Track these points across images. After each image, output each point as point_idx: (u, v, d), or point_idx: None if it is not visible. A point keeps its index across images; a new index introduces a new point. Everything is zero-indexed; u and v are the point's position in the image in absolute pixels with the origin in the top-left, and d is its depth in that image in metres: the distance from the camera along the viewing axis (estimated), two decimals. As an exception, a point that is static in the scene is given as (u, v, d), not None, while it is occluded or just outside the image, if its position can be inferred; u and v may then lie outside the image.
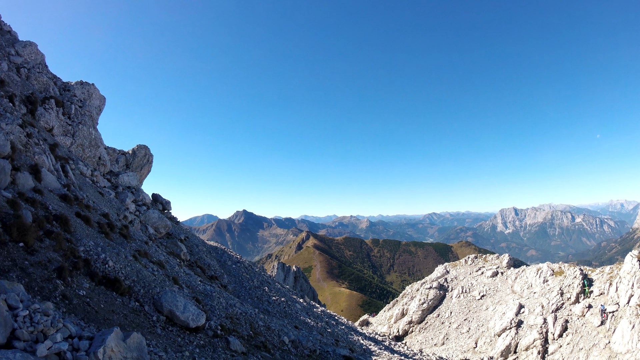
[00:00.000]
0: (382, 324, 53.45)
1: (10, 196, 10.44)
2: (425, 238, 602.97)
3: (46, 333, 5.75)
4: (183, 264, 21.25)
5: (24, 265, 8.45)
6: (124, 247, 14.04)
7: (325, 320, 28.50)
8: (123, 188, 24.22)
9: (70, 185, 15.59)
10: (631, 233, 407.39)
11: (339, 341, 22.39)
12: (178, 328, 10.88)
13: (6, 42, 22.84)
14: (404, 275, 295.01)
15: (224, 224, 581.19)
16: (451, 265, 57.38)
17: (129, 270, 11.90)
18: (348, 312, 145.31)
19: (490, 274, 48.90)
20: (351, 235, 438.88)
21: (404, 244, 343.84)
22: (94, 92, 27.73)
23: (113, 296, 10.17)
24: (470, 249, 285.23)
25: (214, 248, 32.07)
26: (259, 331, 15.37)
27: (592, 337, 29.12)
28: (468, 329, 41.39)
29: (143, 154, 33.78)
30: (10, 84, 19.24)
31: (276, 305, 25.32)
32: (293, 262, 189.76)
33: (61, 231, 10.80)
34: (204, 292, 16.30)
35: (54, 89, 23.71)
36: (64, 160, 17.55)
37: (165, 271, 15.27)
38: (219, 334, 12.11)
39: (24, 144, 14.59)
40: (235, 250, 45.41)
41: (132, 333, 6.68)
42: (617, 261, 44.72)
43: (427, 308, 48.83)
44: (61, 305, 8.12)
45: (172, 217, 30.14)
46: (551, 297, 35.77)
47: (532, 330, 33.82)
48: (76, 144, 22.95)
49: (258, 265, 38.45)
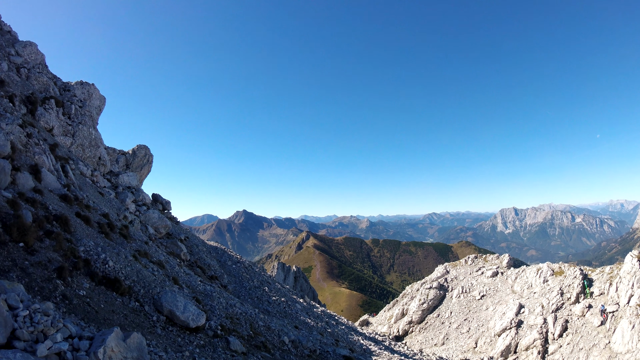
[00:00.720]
0: (382, 324, 53.44)
1: (10, 196, 10.44)
2: (425, 238, 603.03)
3: (46, 333, 5.75)
4: (183, 264, 21.25)
5: (24, 266, 8.45)
6: (124, 247, 14.04)
7: (325, 320, 28.50)
8: (123, 188, 24.22)
9: (70, 186, 15.59)
10: (631, 233, 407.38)
11: (339, 341, 22.38)
12: (178, 328, 10.88)
13: (6, 42, 22.84)
14: (404, 275, 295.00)
15: (224, 224, 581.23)
16: (451, 265, 57.37)
17: (129, 270, 11.90)
18: (348, 312, 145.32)
19: (490, 274, 48.89)
20: (351, 235, 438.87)
21: (404, 244, 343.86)
22: (94, 92, 27.74)
23: (113, 296, 10.17)
24: (470, 249, 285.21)
25: (214, 248, 32.07)
26: (259, 331, 15.37)
27: (592, 337, 29.11)
28: (468, 329, 41.38)
29: (143, 154, 33.79)
30: (10, 84, 19.24)
31: (276, 305, 25.32)
32: (293, 262, 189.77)
33: (61, 231, 10.80)
34: (204, 292, 16.30)
35: (54, 89, 23.71)
36: (64, 161, 17.54)
37: (165, 271, 15.27)
38: (219, 334, 12.11)
39: (24, 144, 14.59)
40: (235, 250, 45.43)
41: (132, 333, 6.67)
42: (617, 261, 44.74)
43: (427, 308, 48.82)
44: (61, 305, 8.12)
45: (172, 217, 30.14)
46: (551, 297, 35.77)
47: (532, 330, 33.82)
48: (76, 144, 22.95)
49: (258, 265, 38.45)
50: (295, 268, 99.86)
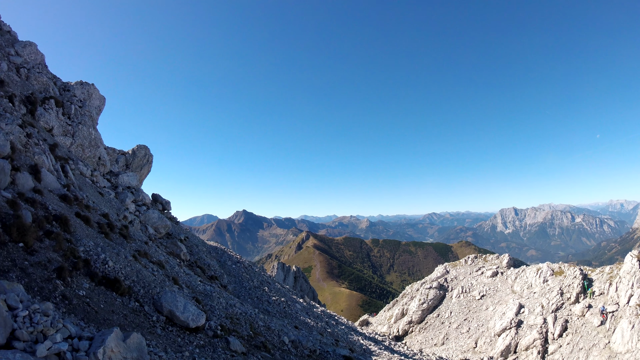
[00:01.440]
0: (382, 324, 53.43)
1: (10, 196, 10.43)
2: (425, 238, 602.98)
3: (46, 333, 5.74)
4: (183, 264, 21.24)
5: (23, 266, 8.45)
6: (123, 247, 14.03)
7: (325, 320, 28.49)
8: (123, 188, 24.21)
9: (70, 186, 15.58)
10: (631, 233, 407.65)
11: (339, 341, 22.38)
12: (178, 328, 10.87)
13: (6, 42, 22.83)
14: (404, 275, 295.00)
15: (223, 224, 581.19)
16: (451, 265, 57.36)
17: (129, 270, 11.89)
18: (348, 312, 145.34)
19: (490, 274, 48.89)
20: (351, 235, 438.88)
21: (403, 244, 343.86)
22: (94, 92, 27.73)
23: (113, 296, 10.16)
24: (470, 249, 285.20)
25: (213, 248, 32.07)
26: (258, 331, 15.36)
27: (592, 337, 29.12)
28: (468, 329, 41.38)
29: (143, 154, 33.78)
30: (10, 84, 19.23)
31: (276, 305, 25.31)
32: (293, 262, 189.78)
33: (61, 231, 10.79)
34: (204, 292, 16.29)
35: (53, 89, 23.70)
36: (64, 161, 17.53)
37: (165, 271, 15.26)
38: (219, 334, 12.09)
39: (23, 144, 14.58)
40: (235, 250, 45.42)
41: (132, 333, 6.67)
42: (617, 261, 44.74)
43: (427, 308, 48.82)
44: (61, 305, 8.11)
45: (172, 217, 30.13)
46: (551, 297, 35.78)
47: (532, 330, 33.83)
48: (76, 144, 22.94)
49: (258, 265, 38.45)
50: (295, 268, 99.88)
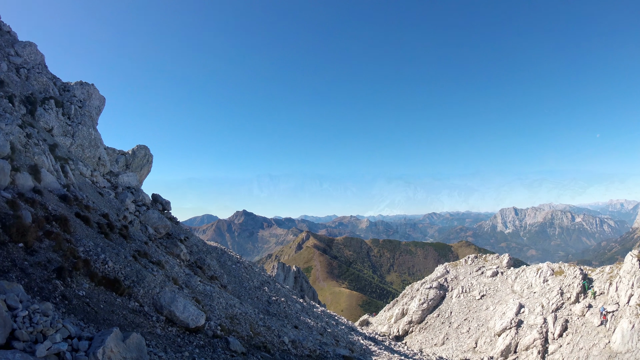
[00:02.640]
0: (382, 324, 53.43)
1: (9, 196, 10.44)
2: (425, 238, 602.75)
3: (45, 333, 5.74)
4: (183, 264, 21.24)
5: (23, 266, 8.45)
6: (123, 247, 14.04)
7: (325, 320, 28.50)
8: (123, 188, 24.21)
9: (69, 186, 15.59)
10: (631, 233, 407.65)
11: (339, 341, 22.38)
12: (178, 328, 10.87)
13: (6, 42, 22.84)
14: (404, 275, 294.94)
15: (223, 224, 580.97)
16: (451, 265, 57.36)
17: (129, 270, 11.89)
18: (348, 312, 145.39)
19: (490, 273, 48.89)
20: (351, 235, 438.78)
21: (404, 244, 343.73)
22: (94, 93, 27.74)
23: (113, 296, 10.16)
24: (470, 249, 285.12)
25: (213, 248, 32.06)
26: (258, 331, 15.36)
27: (592, 337, 29.12)
28: (468, 329, 41.39)
29: (143, 154, 33.79)
30: (9, 84, 19.24)
31: (276, 305, 25.31)
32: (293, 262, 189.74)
33: (61, 232, 10.79)
34: (204, 292, 16.30)
35: (53, 90, 23.71)
36: (64, 161, 17.54)
37: (165, 271, 15.26)
38: (219, 334, 12.09)
39: (23, 144, 14.58)
40: (235, 251, 45.41)
41: (132, 333, 6.67)
42: (617, 261, 44.75)
43: (427, 308, 48.82)
44: (61, 305, 8.11)
45: (172, 218, 30.12)
46: (551, 296, 35.78)
47: (532, 330, 33.83)
48: (76, 145, 22.95)
49: (258, 266, 38.45)
50: (295, 268, 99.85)
